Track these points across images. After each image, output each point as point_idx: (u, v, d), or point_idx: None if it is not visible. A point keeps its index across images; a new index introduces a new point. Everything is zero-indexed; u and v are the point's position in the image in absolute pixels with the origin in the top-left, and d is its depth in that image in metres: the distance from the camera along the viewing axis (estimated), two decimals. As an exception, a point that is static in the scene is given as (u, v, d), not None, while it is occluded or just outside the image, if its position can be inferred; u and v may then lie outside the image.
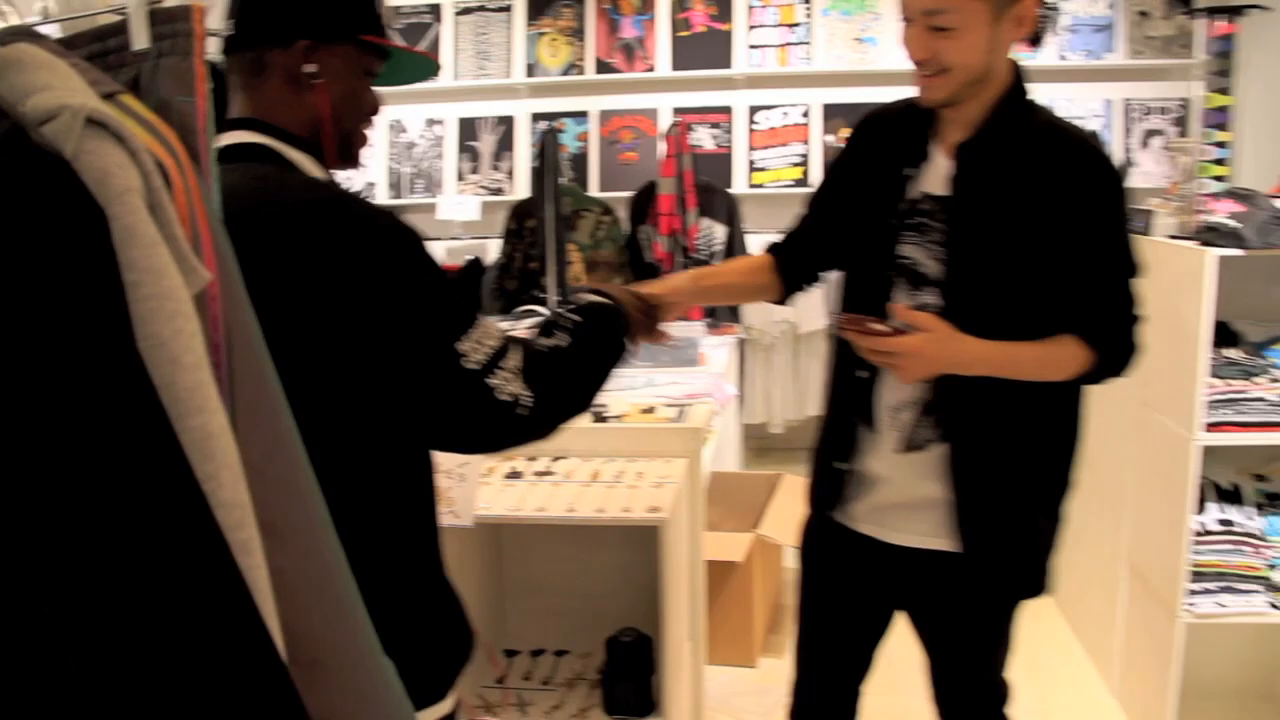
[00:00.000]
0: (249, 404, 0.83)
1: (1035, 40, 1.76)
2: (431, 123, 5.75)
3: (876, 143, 1.93)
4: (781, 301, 2.12)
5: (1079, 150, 1.76)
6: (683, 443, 2.48)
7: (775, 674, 3.45)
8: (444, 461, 2.05)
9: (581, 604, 2.51)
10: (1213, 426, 2.71)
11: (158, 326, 0.71)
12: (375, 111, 1.45)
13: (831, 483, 1.96)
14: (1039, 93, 1.86)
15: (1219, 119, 2.79)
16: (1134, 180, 4.86)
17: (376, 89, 1.44)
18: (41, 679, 0.63)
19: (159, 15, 0.92)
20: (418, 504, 1.38)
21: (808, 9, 5.46)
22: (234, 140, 1.31)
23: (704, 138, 5.53)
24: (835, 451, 1.95)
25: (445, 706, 1.39)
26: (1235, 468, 3.05)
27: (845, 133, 5.22)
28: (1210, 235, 2.63)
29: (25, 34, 0.85)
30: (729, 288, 2.16)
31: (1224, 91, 2.74)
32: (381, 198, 5.73)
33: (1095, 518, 3.48)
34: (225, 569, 0.72)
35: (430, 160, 5.75)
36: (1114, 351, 1.82)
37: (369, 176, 5.76)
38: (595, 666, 2.40)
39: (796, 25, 5.47)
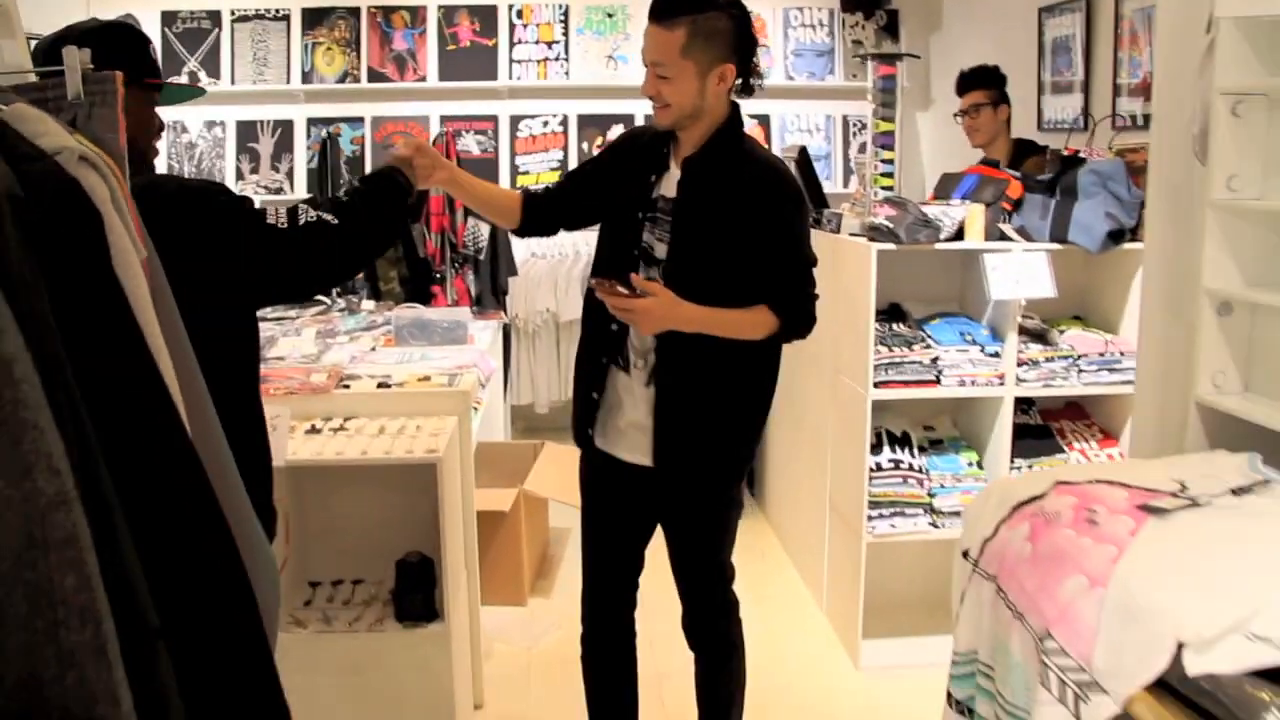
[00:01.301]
0: (167, 330, 1.30)
1: (747, 91, 2.36)
2: (211, 124, 5.97)
3: (633, 153, 2.50)
4: (516, 232, 2.64)
5: (766, 172, 2.35)
6: (453, 403, 2.99)
7: (542, 610, 3.99)
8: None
9: (373, 538, 2.96)
10: (880, 384, 3.40)
11: (128, 279, 1.18)
12: (160, 131, 2.02)
13: (587, 411, 2.49)
14: (773, 108, 2.47)
15: (885, 140, 3.53)
16: (853, 185, 5.68)
17: (159, 111, 1.99)
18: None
19: (89, 77, 1.37)
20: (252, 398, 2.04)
21: (564, 28, 6.00)
22: None
23: (471, 144, 5.99)
24: (591, 385, 2.48)
25: None
26: (909, 419, 3.76)
27: (600, 140, 5.81)
28: (873, 233, 3.33)
29: (7, 92, 1.29)
30: (484, 196, 2.62)
31: (889, 119, 3.48)
32: (160, 196, 5.89)
33: (805, 465, 4.17)
34: (185, 444, 1.20)
35: (211, 160, 5.97)
36: (793, 317, 2.36)
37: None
38: (388, 589, 2.86)
39: (554, 43, 5.99)
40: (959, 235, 3.31)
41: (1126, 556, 1.26)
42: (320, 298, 4.20)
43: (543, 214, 2.61)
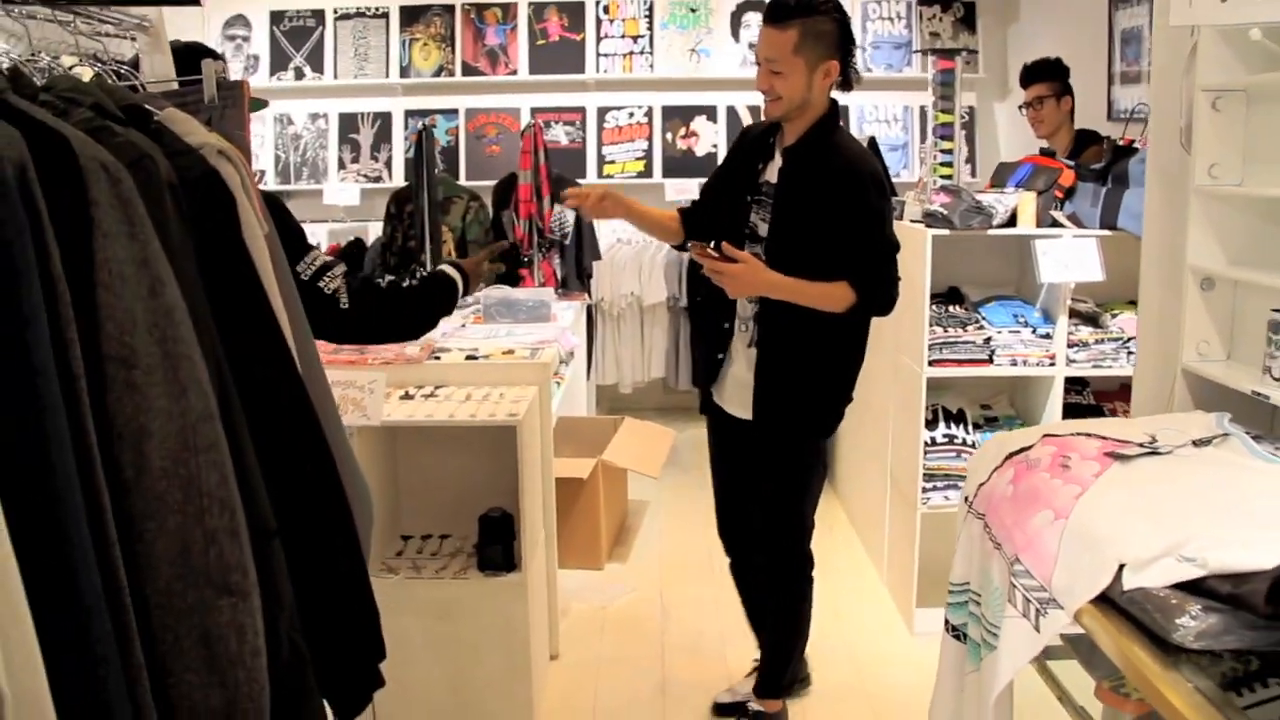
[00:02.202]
0: (285, 294, 1.58)
1: (846, 86, 2.65)
2: (315, 116, 6.34)
3: (745, 145, 2.87)
4: (680, 246, 3.00)
5: (853, 162, 2.63)
6: (534, 374, 3.26)
7: (618, 575, 4.25)
8: (358, 379, 2.81)
9: (460, 496, 3.23)
10: (935, 362, 3.57)
11: (256, 253, 1.46)
12: None
13: (710, 368, 2.87)
14: (851, 99, 2.74)
15: (945, 131, 3.68)
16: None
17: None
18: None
19: (223, 85, 1.66)
20: None
21: (649, 23, 6.24)
22: None
23: (560, 135, 6.27)
24: (715, 346, 2.84)
25: None
26: (968, 399, 3.92)
27: (683, 131, 6.02)
28: (929, 219, 3.51)
29: (158, 97, 1.58)
30: (654, 222, 3.03)
31: (948, 110, 3.64)
32: (271, 183, 6.30)
33: (870, 442, 4.35)
34: (301, 389, 1.47)
35: (315, 150, 6.34)
36: (870, 293, 2.62)
37: (260, 164, 6.32)
38: (473, 543, 3.13)
39: (639, 37, 6.23)
40: (1012, 222, 3.46)
41: (1088, 494, 1.46)
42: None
43: (695, 222, 2.95)
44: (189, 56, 2.19)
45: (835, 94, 2.70)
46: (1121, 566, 1.31)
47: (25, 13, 1.49)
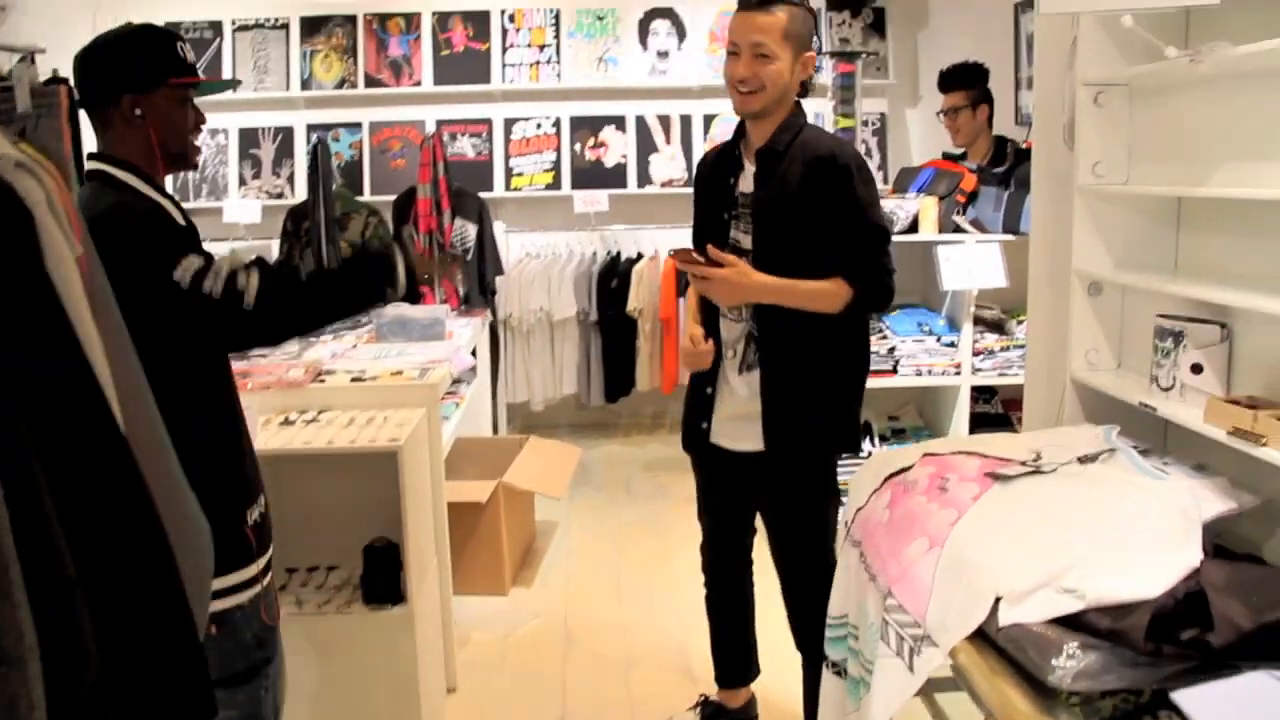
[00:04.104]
0: (103, 322, 1.44)
1: (804, 92, 2.52)
2: (214, 132, 6.13)
3: (710, 169, 2.67)
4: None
5: (825, 146, 2.44)
6: (422, 395, 3.13)
7: (523, 600, 4.12)
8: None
9: (346, 526, 3.06)
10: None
11: (60, 275, 1.32)
12: (198, 125, 2.00)
13: (701, 403, 2.65)
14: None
15: (846, 137, 3.63)
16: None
17: (198, 105, 1.99)
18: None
19: (37, 90, 1.52)
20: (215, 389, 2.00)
21: (555, 32, 6.14)
22: (91, 166, 1.91)
23: (466, 147, 6.14)
24: (704, 379, 2.63)
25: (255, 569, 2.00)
26: (874, 410, 3.89)
27: (591, 141, 5.93)
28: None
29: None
30: None
31: (848, 115, 3.59)
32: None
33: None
34: (109, 421, 1.33)
35: (215, 167, 6.14)
36: (866, 285, 2.41)
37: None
38: (360, 575, 3.00)
39: (545, 46, 6.14)
40: (914, 228, 3.41)
41: (964, 519, 1.38)
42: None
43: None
44: (143, 41, 1.94)
45: None
46: (998, 599, 1.23)
47: None
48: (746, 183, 2.55)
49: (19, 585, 1.06)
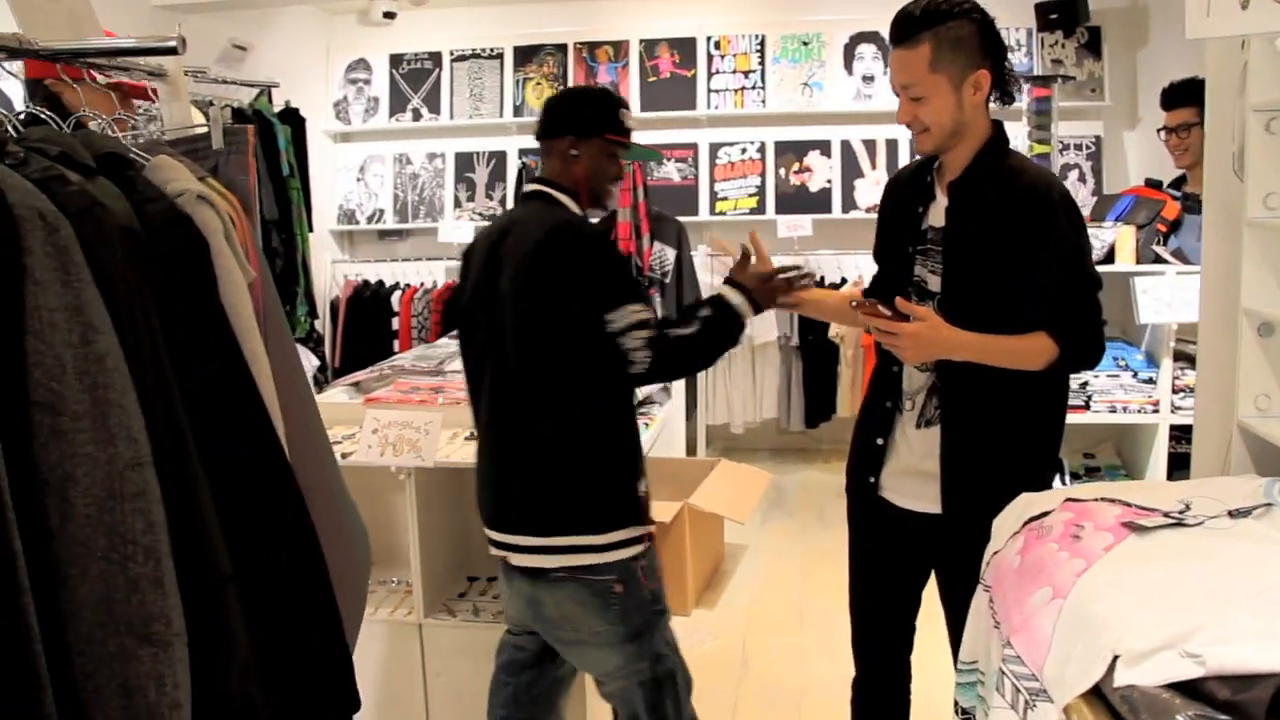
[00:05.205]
0: (274, 342, 1.58)
1: (1005, 99, 2.22)
2: (433, 156, 6.50)
3: (896, 195, 2.41)
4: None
5: (1036, 185, 2.15)
6: (603, 414, 3.20)
7: (704, 621, 4.16)
8: (415, 419, 2.82)
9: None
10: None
11: (232, 298, 1.46)
12: (618, 178, 2.43)
13: (870, 455, 2.36)
14: None
15: (1040, 163, 3.49)
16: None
17: (621, 161, 2.41)
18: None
19: (229, 131, 1.68)
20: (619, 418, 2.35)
21: (760, 57, 6.19)
22: (532, 189, 2.39)
23: (672, 171, 6.26)
24: (874, 429, 2.35)
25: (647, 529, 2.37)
26: (1069, 447, 3.73)
27: (795, 166, 5.93)
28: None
29: (160, 145, 1.61)
30: (830, 309, 2.80)
31: (1044, 141, 3.45)
32: (389, 221, 6.47)
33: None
34: (270, 434, 1.46)
35: (432, 189, 6.49)
36: (1075, 343, 2.13)
37: (379, 203, 6.51)
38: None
39: (751, 72, 6.20)
40: (1110, 258, 3.26)
41: (1091, 570, 1.32)
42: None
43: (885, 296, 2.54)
44: (595, 100, 2.41)
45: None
46: (1116, 658, 1.17)
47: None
48: (937, 216, 2.27)
49: (171, 577, 1.18)
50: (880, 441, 2.33)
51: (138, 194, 1.39)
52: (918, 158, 2.39)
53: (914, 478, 2.29)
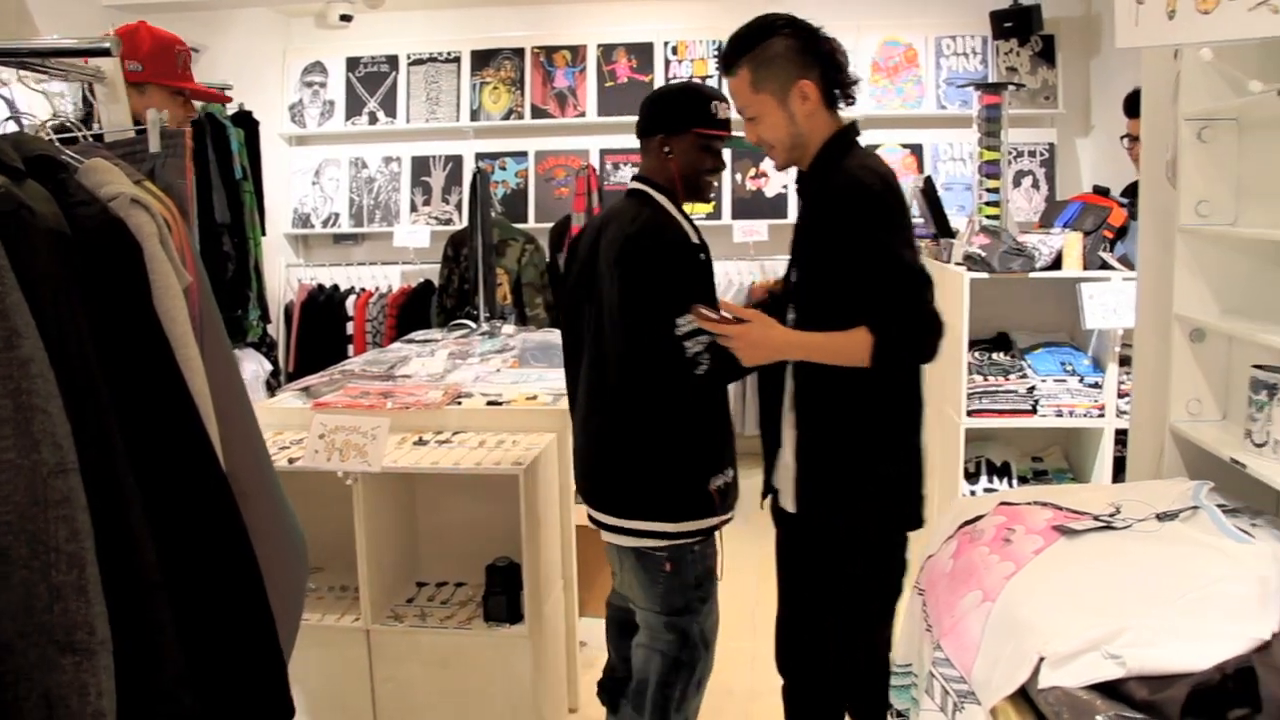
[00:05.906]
0: (211, 348, 1.56)
1: (847, 100, 2.27)
2: (389, 160, 6.46)
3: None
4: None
5: (848, 180, 2.16)
6: (553, 421, 3.21)
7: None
8: (362, 424, 2.80)
9: (476, 544, 3.19)
10: (974, 413, 3.44)
11: (166, 303, 1.45)
12: (715, 169, 2.49)
13: (770, 460, 2.43)
14: (925, 137, 2.48)
15: (990, 169, 3.53)
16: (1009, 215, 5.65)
17: (723, 153, 2.49)
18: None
19: (166, 134, 1.66)
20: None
21: (718, 63, 6.20)
22: (632, 185, 2.49)
23: (628, 176, 6.26)
24: (773, 433, 2.40)
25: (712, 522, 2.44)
26: (1018, 450, 3.77)
27: (752, 172, 5.94)
28: (969, 262, 3.38)
29: (96, 148, 1.59)
30: None
31: (993, 148, 3.49)
32: (344, 225, 6.43)
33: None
34: (202, 439, 1.44)
35: (388, 193, 6.45)
36: (889, 335, 2.10)
37: (334, 207, 6.46)
38: (483, 592, 3.09)
39: (708, 77, 6.20)
40: (1057, 264, 3.30)
41: (1020, 574, 1.34)
42: (464, 321, 4.52)
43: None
44: (685, 96, 2.45)
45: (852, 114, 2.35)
46: (1041, 659, 1.19)
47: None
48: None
49: (96, 584, 1.17)
50: (779, 445, 2.39)
51: (69, 197, 1.37)
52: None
53: (787, 475, 2.36)
